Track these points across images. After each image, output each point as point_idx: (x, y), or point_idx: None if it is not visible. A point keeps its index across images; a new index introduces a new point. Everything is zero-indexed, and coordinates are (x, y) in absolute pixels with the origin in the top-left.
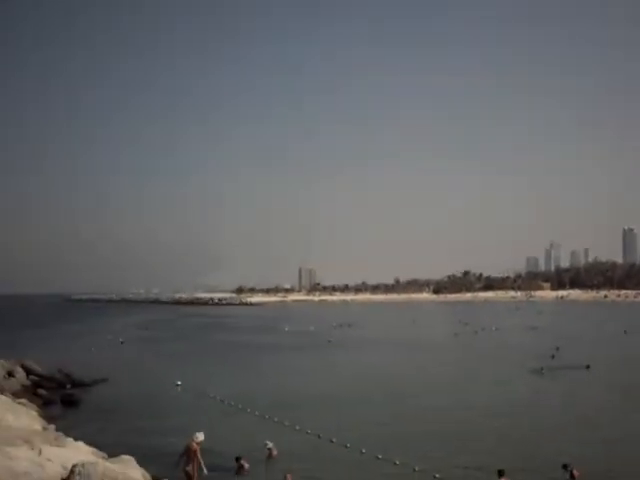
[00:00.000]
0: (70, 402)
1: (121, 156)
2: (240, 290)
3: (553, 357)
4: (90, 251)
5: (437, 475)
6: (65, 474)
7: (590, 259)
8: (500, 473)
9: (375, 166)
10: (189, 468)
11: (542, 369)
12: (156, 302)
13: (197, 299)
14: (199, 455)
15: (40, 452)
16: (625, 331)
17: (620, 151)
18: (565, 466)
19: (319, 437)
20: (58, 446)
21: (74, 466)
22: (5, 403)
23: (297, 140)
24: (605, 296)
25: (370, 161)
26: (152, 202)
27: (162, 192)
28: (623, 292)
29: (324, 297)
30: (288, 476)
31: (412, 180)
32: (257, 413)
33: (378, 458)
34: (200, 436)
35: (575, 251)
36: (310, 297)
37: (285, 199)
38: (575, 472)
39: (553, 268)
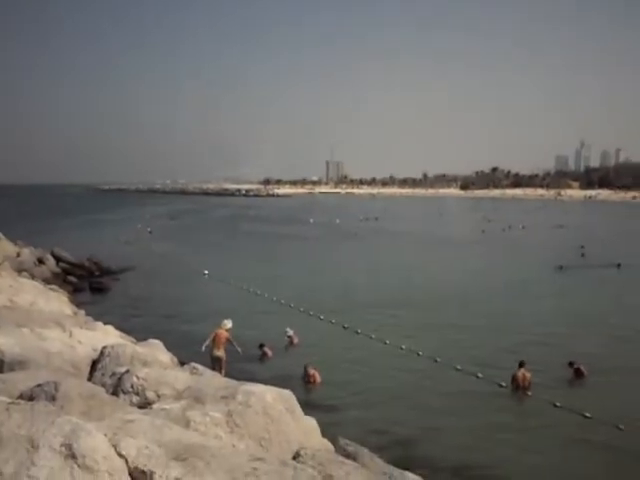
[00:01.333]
0: (99, 289)
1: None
2: (267, 182)
3: (583, 255)
4: (116, 143)
5: (458, 367)
6: (95, 355)
7: (621, 160)
8: (520, 364)
9: (404, 59)
10: (219, 353)
11: (561, 267)
12: (183, 193)
13: (224, 190)
14: (232, 340)
15: (71, 334)
16: None
17: None
18: (571, 364)
19: (344, 327)
20: (88, 329)
21: (104, 348)
22: (36, 288)
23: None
24: (634, 197)
25: (399, 54)
26: (180, 97)
27: (190, 85)
28: None
29: (351, 190)
30: (309, 368)
31: (442, 74)
32: (282, 302)
33: (402, 349)
34: (228, 323)
35: (606, 151)
36: (337, 190)
37: (312, 93)
38: (582, 369)
39: (583, 168)
